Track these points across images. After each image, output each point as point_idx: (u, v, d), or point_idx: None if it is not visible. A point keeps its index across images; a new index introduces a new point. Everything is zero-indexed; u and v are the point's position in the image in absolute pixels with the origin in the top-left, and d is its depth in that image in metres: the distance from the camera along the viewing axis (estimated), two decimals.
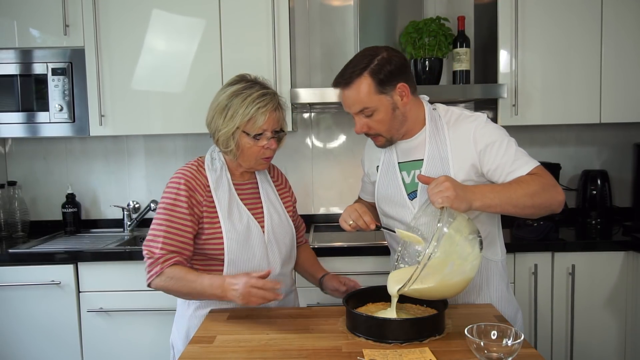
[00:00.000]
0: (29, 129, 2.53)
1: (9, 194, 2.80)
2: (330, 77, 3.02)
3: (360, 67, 1.46)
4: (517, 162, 1.45)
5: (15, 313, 2.32)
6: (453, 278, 1.30)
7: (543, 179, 1.42)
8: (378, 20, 2.63)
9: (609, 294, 2.34)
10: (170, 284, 1.46)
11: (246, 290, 1.35)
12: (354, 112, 1.51)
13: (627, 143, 2.82)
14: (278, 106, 1.55)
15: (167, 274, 1.46)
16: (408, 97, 1.50)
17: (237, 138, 1.52)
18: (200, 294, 1.45)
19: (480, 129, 1.50)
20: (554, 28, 2.47)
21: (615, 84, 2.48)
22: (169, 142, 2.89)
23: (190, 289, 1.45)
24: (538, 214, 1.45)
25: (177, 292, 1.49)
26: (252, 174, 1.67)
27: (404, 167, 1.59)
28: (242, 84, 1.55)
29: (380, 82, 1.45)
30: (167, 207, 1.53)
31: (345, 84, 1.49)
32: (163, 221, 1.51)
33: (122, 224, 2.83)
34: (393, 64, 1.47)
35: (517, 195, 1.38)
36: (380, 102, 1.47)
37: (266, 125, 1.51)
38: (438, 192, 1.32)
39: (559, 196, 1.43)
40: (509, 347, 1.12)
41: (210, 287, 1.42)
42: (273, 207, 1.65)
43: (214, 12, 2.47)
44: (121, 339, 2.34)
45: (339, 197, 2.83)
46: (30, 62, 2.49)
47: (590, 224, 2.69)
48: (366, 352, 1.22)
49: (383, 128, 1.51)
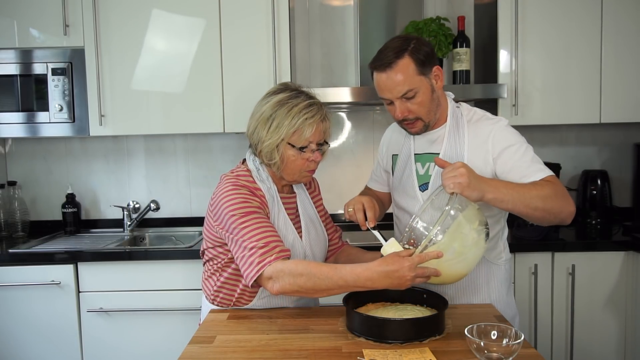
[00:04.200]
0: (29, 129, 2.53)
1: (9, 194, 2.79)
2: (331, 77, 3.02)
3: (400, 49, 1.46)
4: (532, 167, 1.45)
5: (15, 313, 2.32)
6: (452, 265, 1.31)
7: (557, 187, 1.42)
8: (378, 20, 2.63)
9: (609, 294, 2.34)
10: (302, 281, 1.31)
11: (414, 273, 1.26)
12: (395, 96, 1.48)
13: (627, 143, 2.82)
14: (325, 117, 1.48)
15: (290, 271, 1.32)
16: (442, 80, 1.53)
17: (282, 150, 1.45)
18: (341, 287, 1.31)
19: (499, 132, 1.50)
20: (554, 28, 2.47)
21: (615, 84, 2.47)
22: (169, 142, 2.89)
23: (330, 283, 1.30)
24: (547, 220, 1.43)
25: (313, 289, 1.33)
26: (290, 187, 1.62)
27: (419, 158, 1.60)
28: (286, 93, 1.47)
29: (420, 62, 1.46)
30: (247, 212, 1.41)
31: (387, 66, 1.46)
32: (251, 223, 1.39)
33: (122, 224, 2.82)
34: (428, 46, 1.50)
35: (530, 195, 1.37)
36: (421, 83, 1.47)
37: (313, 137, 1.45)
38: (452, 177, 1.31)
39: (570, 207, 1.42)
40: (509, 347, 1.12)
41: (356, 280, 1.28)
42: (311, 222, 1.61)
43: (214, 12, 2.47)
44: (121, 339, 2.34)
45: (339, 198, 2.81)
46: (30, 62, 2.49)
47: (590, 224, 2.69)
48: (366, 352, 1.22)
49: (423, 111, 1.50)
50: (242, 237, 1.39)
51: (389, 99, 1.50)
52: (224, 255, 1.52)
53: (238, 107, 2.48)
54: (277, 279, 1.34)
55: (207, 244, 1.56)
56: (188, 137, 2.88)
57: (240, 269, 1.40)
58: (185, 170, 2.90)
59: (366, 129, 2.88)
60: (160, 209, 2.85)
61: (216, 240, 1.51)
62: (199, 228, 2.77)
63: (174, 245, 2.67)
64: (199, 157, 2.90)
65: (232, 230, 1.41)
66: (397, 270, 1.25)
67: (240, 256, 1.39)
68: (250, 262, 1.36)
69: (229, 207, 1.42)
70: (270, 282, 1.35)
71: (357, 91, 2.41)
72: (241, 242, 1.39)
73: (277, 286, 1.34)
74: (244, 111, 1.64)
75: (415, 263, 1.26)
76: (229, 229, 1.42)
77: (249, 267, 1.36)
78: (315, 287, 1.32)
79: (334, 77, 2.84)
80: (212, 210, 1.49)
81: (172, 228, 2.85)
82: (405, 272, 1.25)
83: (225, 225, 1.43)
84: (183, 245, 2.49)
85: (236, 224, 1.40)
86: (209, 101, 2.50)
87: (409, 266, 1.25)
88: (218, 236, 1.50)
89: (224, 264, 1.53)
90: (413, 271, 1.25)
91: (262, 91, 1.56)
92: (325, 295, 1.36)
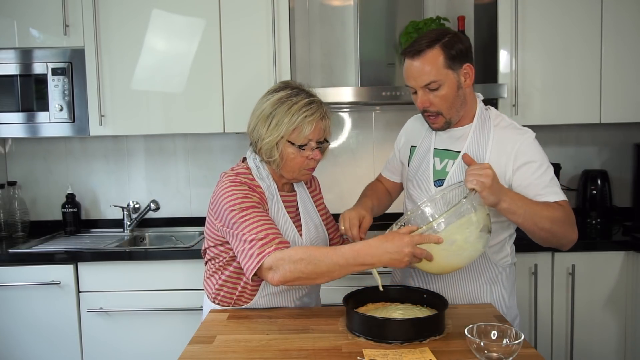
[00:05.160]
0: (29, 129, 2.53)
1: (9, 194, 2.79)
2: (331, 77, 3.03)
3: (433, 39, 1.46)
4: (548, 188, 1.46)
5: (15, 313, 2.32)
6: (448, 256, 1.31)
7: (568, 213, 1.44)
8: (378, 20, 2.63)
9: (609, 294, 2.34)
10: (302, 267, 1.30)
11: (412, 250, 1.26)
12: (419, 85, 1.48)
13: (627, 143, 2.82)
14: (325, 115, 1.48)
15: (289, 258, 1.31)
16: (471, 79, 1.51)
17: (281, 148, 1.46)
18: (342, 267, 1.29)
19: (525, 144, 1.49)
20: (554, 28, 2.47)
21: (615, 84, 2.47)
22: (169, 142, 2.89)
23: (331, 263, 1.29)
24: (549, 242, 1.46)
25: (314, 273, 1.31)
26: (290, 185, 1.62)
27: (438, 153, 1.59)
28: (287, 91, 1.47)
29: (450, 57, 1.46)
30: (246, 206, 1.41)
31: (415, 53, 1.47)
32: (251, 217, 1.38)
33: (122, 224, 2.82)
34: (464, 43, 1.49)
35: (541, 215, 1.39)
36: (447, 76, 1.47)
37: (312, 135, 1.45)
38: (477, 174, 1.33)
39: (574, 235, 1.46)
40: (509, 347, 1.12)
41: (355, 257, 1.28)
42: (311, 220, 1.61)
43: (214, 12, 2.47)
44: (121, 339, 2.34)
45: (339, 198, 2.82)
46: (30, 62, 2.49)
47: (590, 224, 2.69)
48: (366, 352, 1.22)
49: (445, 105, 1.49)
50: (242, 231, 1.38)
51: (413, 87, 1.51)
52: (225, 254, 1.52)
53: (238, 107, 2.48)
54: (277, 268, 1.32)
55: (209, 243, 1.56)
56: (188, 137, 2.88)
57: (241, 262, 1.40)
58: (185, 170, 2.90)
59: (366, 129, 2.88)
60: (160, 209, 2.85)
61: (217, 239, 1.52)
62: (199, 228, 2.77)
63: (174, 245, 2.67)
64: (199, 157, 2.90)
65: (232, 225, 1.41)
66: (397, 245, 1.26)
67: (240, 250, 1.39)
68: (250, 255, 1.35)
69: (229, 203, 1.43)
70: (270, 273, 1.34)
71: (357, 91, 2.41)
72: (241, 236, 1.38)
73: (277, 276, 1.32)
74: (244, 111, 1.64)
75: (415, 241, 1.27)
76: (229, 224, 1.42)
77: (249, 260, 1.36)
78: (317, 270, 1.30)
79: (334, 77, 2.84)
80: (213, 207, 1.49)
81: (172, 228, 2.85)
82: (403, 247, 1.25)
83: (225, 221, 1.43)
84: (183, 245, 2.49)
85: (236, 218, 1.40)
86: (209, 101, 2.50)
87: (408, 241, 1.26)
88: (219, 235, 1.50)
89: (225, 263, 1.53)
90: (412, 248, 1.26)
91: (262, 91, 1.56)
92: (327, 280, 1.33)
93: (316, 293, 1.71)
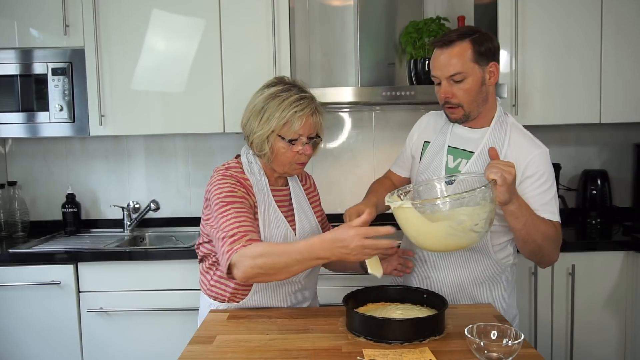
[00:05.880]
0: (29, 129, 2.53)
1: (9, 194, 2.79)
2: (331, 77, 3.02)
3: (464, 33, 1.49)
4: (547, 206, 1.49)
5: (15, 313, 2.32)
6: (449, 235, 1.30)
7: (558, 234, 1.51)
8: (378, 20, 2.63)
9: (609, 294, 2.34)
10: (261, 262, 1.30)
11: (359, 243, 1.23)
12: (445, 76, 1.50)
13: (627, 143, 2.82)
14: (315, 111, 1.50)
15: (251, 254, 1.31)
16: (496, 78, 1.53)
17: (272, 142, 1.48)
18: (299, 262, 1.29)
19: (538, 159, 1.51)
20: (553, 28, 2.47)
21: (615, 84, 2.47)
22: (169, 142, 2.89)
23: (289, 259, 1.29)
24: (532, 254, 1.53)
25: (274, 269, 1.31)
26: (284, 180, 1.63)
27: (452, 151, 1.60)
28: (279, 87, 1.50)
29: (479, 52, 1.48)
30: (228, 201, 1.43)
31: (445, 44, 1.49)
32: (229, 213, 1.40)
33: (122, 224, 2.82)
34: (493, 43, 1.52)
35: (538, 228, 1.44)
36: (473, 70, 1.48)
37: (302, 130, 1.47)
38: (502, 168, 1.34)
39: (556, 256, 1.55)
40: (509, 347, 1.12)
41: (309, 251, 1.27)
42: (305, 215, 1.62)
43: (214, 12, 2.47)
44: (121, 339, 2.34)
45: (339, 198, 2.83)
46: (30, 62, 2.49)
47: (590, 224, 2.69)
48: (366, 352, 1.22)
49: (467, 99, 1.51)
50: (218, 228, 1.41)
51: (438, 78, 1.52)
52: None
53: (238, 107, 2.44)
54: (239, 265, 1.33)
55: (203, 239, 1.59)
56: (188, 137, 2.88)
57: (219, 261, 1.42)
58: (185, 170, 2.90)
59: (366, 129, 2.88)
60: (160, 209, 2.85)
61: (210, 235, 1.54)
62: (199, 228, 2.76)
63: (174, 245, 2.67)
64: (199, 157, 2.90)
65: (215, 221, 1.43)
66: (344, 238, 1.24)
67: (217, 247, 1.41)
68: (222, 253, 1.37)
69: (216, 196, 1.45)
70: (235, 270, 1.34)
71: (357, 91, 2.41)
72: (216, 234, 1.41)
73: (239, 272, 1.33)
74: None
75: (362, 234, 1.23)
76: (214, 220, 1.45)
77: (222, 258, 1.37)
78: (275, 265, 1.30)
79: (334, 77, 2.84)
80: (205, 202, 1.53)
81: (172, 228, 2.85)
82: (349, 242, 1.23)
83: (212, 215, 1.46)
84: (183, 245, 2.49)
85: (217, 212, 1.43)
86: (209, 101, 2.50)
87: (353, 235, 1.23)
88: None
89: (217, 259, 1.54)
90: (359, 241, 1.23)
91: None
92: (287, 275, 1.34)
93: (312, 290, 1.70)
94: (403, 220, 1.33)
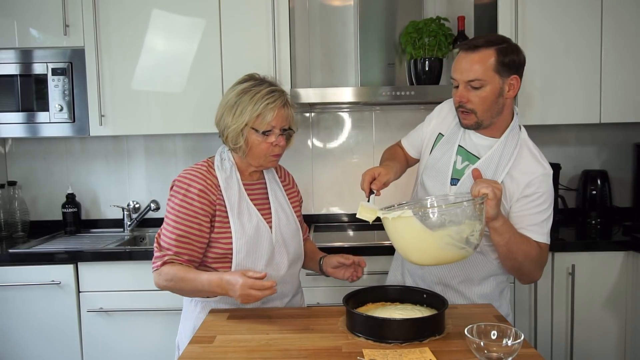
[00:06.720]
0: (29, 129, 2.53)
1: (9, 194, 2.79)
2: (331, 77, 3.02)
3: (491, 41, 1.49)
4: (538, 226, 1.51)
5: (15, 313, 2.32)
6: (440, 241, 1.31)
7: (542, 255, 1.53)
8: (378, 20, 2.63)
9: (609, 294, 2.34)
10: (171, 284, 1.49)
11: (245, 292, 1.36)
12: (464, 79, 1.49)
13: (627, 143, 2.82)
14: (286, 103, 1.56)
15: (165, 275, 1.49)
16: (515, 92, 1.52)
17: (246, 134, 1.54)
18: (201, 291, 1.47)
19: (540, 179, 1.51)
20: (553, 28, 2.47)
21: (615, 84, 2.47)
22: (169, 142, 2.89)
23: (192, 287, 1.47)
24: (512, 270, 1.56)
25: (181, 292, 1.53)
26: (260, 174, 1.67)
27: (461, 152, 1.60)
28: (250, 82, 1.57)
29: (502, 62, 1.47)
30: (180, 209, 1.52)
31: (470, 47, 1.49)
32: (176, 222, 1.52)
33: (122, 224, 2.83)
34: (519, 56, 1.52)
35: (519, 248, 1.47)
36: (492, 79, 1.48)
37: (275, 121, 1.53)
38: (490, 184, 1.36)
39: (538, 275, 1.58)
40: (509, 347, 1.12)
41: (209, 285, 1.43)
42: (281, 208, 1.65)
43: (214, 12, 2.47)
44: (121, 339, 2.34)
45: (339, 197, 2.83)
46: (30, 62, 2.49)
47: (590, 224, 2.69)
48: (366, 352, 1.22)
49: (481, 107, 1.50)
50: (160, 229, 1.56)
51: (457, 81, 1.52)
52: None
53: None
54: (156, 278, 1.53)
55: None
56: (188, 137, 2.88)
57: None
58: None
59: (366, 129, 2.88)
60: (160, 209, 2.85)
61: None
62: None
63: None
64: (199, 157, 2.87)
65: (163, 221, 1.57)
66: (234, 284, 1.37)
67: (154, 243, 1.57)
68: (154, 256, 1.54)
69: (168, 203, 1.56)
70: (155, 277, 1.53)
71: (357, 91, 2.41)
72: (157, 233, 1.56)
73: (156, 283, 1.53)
74: None
75: (249, 285, 1.35)
76: None
77: (153, 261, 1.54)
78: (181, 289, 1.50)
79: (334, 77, 2.84)
80: None
81: None
82: (237, 289, 1.36)
83: None
84: None
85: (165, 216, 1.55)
86: (209, 101, 2.49)
87: (242, 284, 1.35)
88: None
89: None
90: (245, 290, 1.35)
91: None
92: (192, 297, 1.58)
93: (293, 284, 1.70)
94: (401, 231, 1.34)
